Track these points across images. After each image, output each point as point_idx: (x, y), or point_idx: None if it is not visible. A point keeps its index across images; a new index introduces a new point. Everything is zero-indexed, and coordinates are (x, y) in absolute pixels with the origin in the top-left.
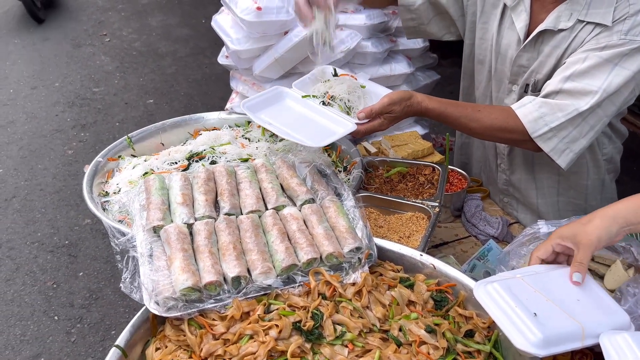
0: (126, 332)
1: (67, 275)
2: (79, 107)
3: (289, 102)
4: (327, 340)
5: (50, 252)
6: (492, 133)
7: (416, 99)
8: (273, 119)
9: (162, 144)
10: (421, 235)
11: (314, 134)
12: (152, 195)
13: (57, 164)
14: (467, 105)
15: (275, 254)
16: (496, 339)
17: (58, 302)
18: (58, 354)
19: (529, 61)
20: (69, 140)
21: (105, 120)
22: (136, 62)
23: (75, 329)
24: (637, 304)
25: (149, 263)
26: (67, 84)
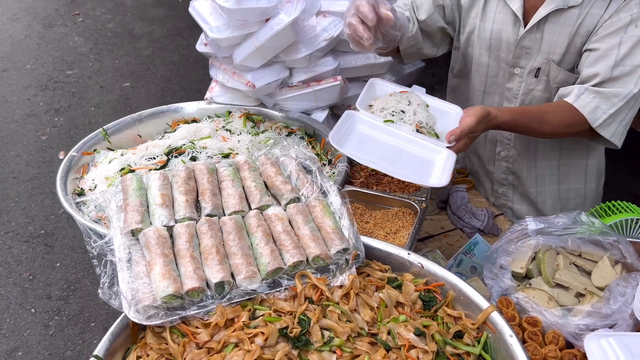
0: (105, 341)
1: (44, 266)
2: (52, 90)
3: (362, 128)
4: (314, 346)
5: (25, 242)
6: (560, 131)
7: (492, 114)
8: (360, 151)
9: (139, 135)
10: (408, 232)
11: (414, 166)
12: (129, 197)
13: (30, 151)
14: (532, 108)
15: (260, 257)
16: (485, 341)
17: (35, 294)
18: (36, 348)
19: (533, 42)
20: (42, 126)
21: (80, 105)
22: (111, 43)
23: (53, 322)
24: (627, 304)
25: (128, 269)
26: (39, 66)
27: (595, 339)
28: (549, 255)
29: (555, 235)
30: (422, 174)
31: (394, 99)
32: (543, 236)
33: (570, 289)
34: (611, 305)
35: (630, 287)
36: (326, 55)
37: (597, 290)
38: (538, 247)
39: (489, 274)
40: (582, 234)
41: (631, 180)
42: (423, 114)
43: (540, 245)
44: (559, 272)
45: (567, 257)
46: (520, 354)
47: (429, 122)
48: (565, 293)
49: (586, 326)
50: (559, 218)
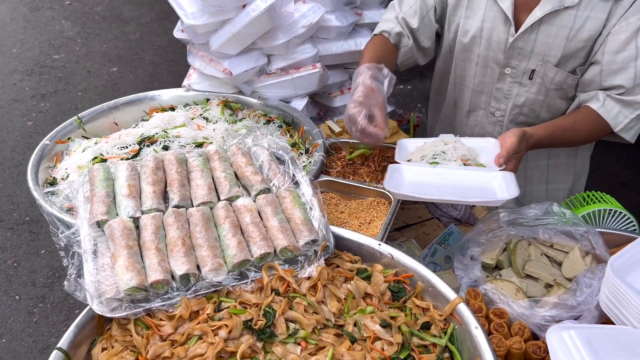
0: (70, 333)
1: (28, 253)
2: (38, 75)
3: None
4: (279, 338)
5: (10, 230)
6: (591, 137)
7: (528, 133)
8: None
9: (115, 123)
10: (382, 222)
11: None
12: (96, 187)
13: (15, 136)
14: (562, 121)
15: (227, 249)
16: (452, 332)
17: (19, 281)
18: (20, 335)
19: (526, 43)
20: (28, 111)
21: (66, 90)
22: (99, 27)
23: (37, 309)
24: (593, 295)
25: (93, 260)
26: (25, 50)
27: (557, 331)
28: (520, 246)
29: (527, 226)
30: (487, 195)
31: (429, 146)
32: (515, 227)
33: (540, 280)
34: (577, 296)
35: (596, 279)
36: (305, 42)
37: (567, 281)
38: (509, 238)
39: (459, 265)
40: (554, 225)
41: (618, 167)
42: (463, 148)
43: (512, 236)
44: (529, 263)
45: (538, 248)
46: (485, 346)
47: (472, 155)
48: (535, 284)
49: (552, 317)
50: (530, 209)
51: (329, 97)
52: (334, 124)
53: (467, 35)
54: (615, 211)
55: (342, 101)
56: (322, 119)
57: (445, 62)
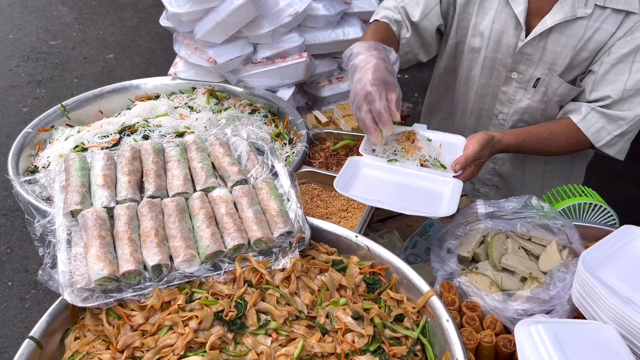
0: (42, 322)
1: (22, 239)
2: (34, 61)
3: (367, 171)
4: (250, 330)
5: (3, 216)
6: (566, 150)
7: (496, 138)
8: (367, 193)
9: (100, 112)
10: (362, 213)
11: (422, 200)
12: (71, 177)
13: (11, 122)
14: (537, 129)
15: (201, 240)
16: (424, 325)
17: (12, 268)
18: (12, 320)
19: (535, 50)
20: (23, 97)
21: (62, 76)
22: (96, 13)
23: (29, 295)
24: (565, 289)
25: (66, 250)
26: (22, 36)
27: (525, 326)
28: (497, 239)
29: (505, 219)
30: (431, 207)
31: (394, 138)
32: (492, 220)
33: (517, 273)
34: (550, 291)
35: (569, 273)
36: (292, 31)
37: (542, 275)
38: (487, 231)
39: (435, 258)
40: (532, 218)
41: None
42: (426, 149)
43: (489, 229)
44: (505, 256)
45: (516, 241)
46: (455, 339)
47: (432, 154)
48: (511, 277)
49: (524, 311)
50: (509, 202)
51: (317, 86)
52: (321, 114)
53: (476, 35)
54: (595, 205)
55: (331, 91)
56: (310, 109)
57: (449, 60)
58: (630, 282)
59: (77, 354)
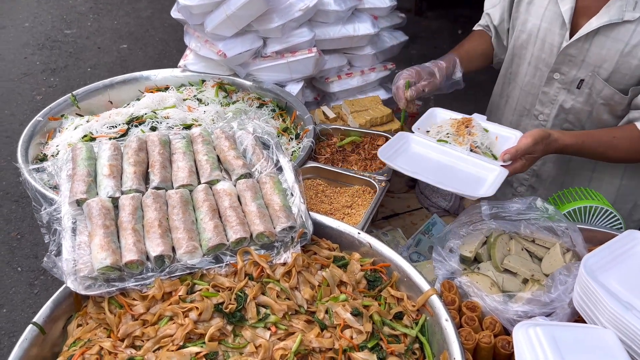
0: (46, 308)
1: (32, 226)
2: (49, 49)
3: (415, 148)
4: (249, 322)
5: (15, 202)
6: (628, 158)
7: (553, 136)
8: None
9: (110, 102)
10: (365, 210)
11: (463, 181)
12: (77, 166)
13: (24, 110)
14: (599, 133)
15: (203, 232)
16: (423, 323)
17: (22, 254)
18: (20, 306)
19: (578, 51)
20: (37, 85)
21: (76, 65)
22: (111, 3)
23: (38, 281)
24: (566, 292)
25: (71, 238)
26: (38, 24)
27: (524, 328)
28: (500, 240)
29: (509, 220)
30: (469, 188)
31: (450, 123)
32: (496, 221)
33: (519, 275)
34: (551, 293)
35: (571, 277)
36: (302, 25)
37: (544, 277)
38: (490, 232)
39: (437, 257)
40: (537, 220)
41: None
42: (479, 136)
43: (493, 229)
44: (507, 257)
45: (519, 243)
46: (453, 339)
47: (485, 142)
48: (513, 279)
49: (524, 313)
50: (514, 203)
51: (326, 82)
52: (329, 109)
53: (524, 32)
54: (602, 209)
55: (339, 86)
56: (319, 104)
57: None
58: (632, 287)
59: (79, 341)
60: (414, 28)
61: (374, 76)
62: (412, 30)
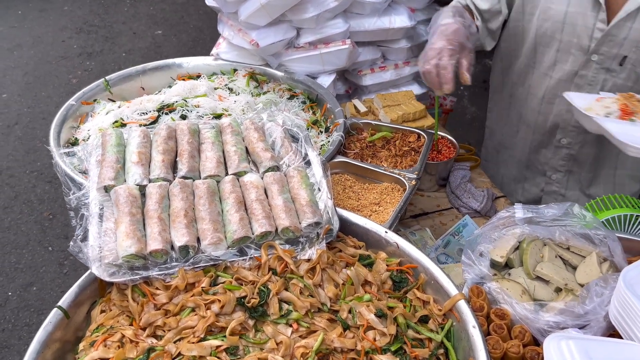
0: (71, 292)
1: (64, 207)
2: (86, 33)
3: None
4: (271, 318)
5: (48, 183)
6: None
7: None
8: None
9: (142, 88)
10: (393, 208)
11: None
12: (107, 152)
13: (60, 92)
14: None
15: (229, 224)
16: (449, 329)
17: (53, 233)
18: (50, 285)
19: (620, 30)
20: (74, 69)
21: (111, 50)
22: None
23: (68, 261)
24: (602, 305)
25: (98, 224)
26: (76, 8)
27: (556, 340)
28: (533, 245)
29: (543, 226)
30: None
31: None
32: (530, 225)
33: (551, 283)
34: (586, 305)
35: (608, 288)
36: (337, 17)
37: (579, 287)
38: (523, 237)
39: (466, 260)
40: (572, 227)
41: None
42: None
43: (526, 234)
44: (540, 264)
45: (553, 250)
46: (480, 347)
47: None
48: (545, 287)
49: (556, 324)
50: (549, 208)
51: (359, 74)
52: (361, 103)
53: (549, 20)
54: None
55: (372, 80)
56: (350, 97)
57: (512, 45)
58: None
59: (102, 327)
60: None
61: (408, 70)
62: None
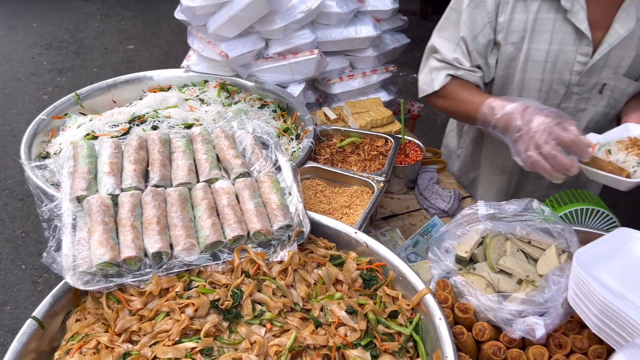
0: (45, 303)
1: (36, 224)
2: (56, 50)
3: None
4: (244, 319)
5: (20, 200)
6: None
7: None
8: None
9: (114, 101)
10: (363, 210)
11: None
12: (78, 163)
13: (31, 109)
14: None
15: (201, 230)
16: (417, 322)
17: (26, 251)
18: (24, 303)
19: (601, 58)
20: (44, 85)
21: (83, 65)
22: (118, 4)
23: (42, 279)
24: (559, 292)
25: (71, 234)
26: (46, 24)
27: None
28: (496, 240)
29: (504, 221)
30: None
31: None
32: (492, 221)
33: (514, 276)
34: (545, 294)
35: (564, 277)
36: (304, 27)
37: (539, 278)
38: (486, 232)
39: (433, 257)
40: (532, 222)
41: None
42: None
43: (489, 230)
44: (503, 258)
45: (515, 244)
46: (446, 337)
47: None
48: (508, 280)
49: (518, 313)
50: (510, 204)
51: (328, 83)
52: (331, 111)
53: (528, 62)
54: (598, 210)
55: (341, 88)
56: (320, 105)
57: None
58: (623, 281)
59: (77, 335)
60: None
61: (376, 78)
62: (417, 33)
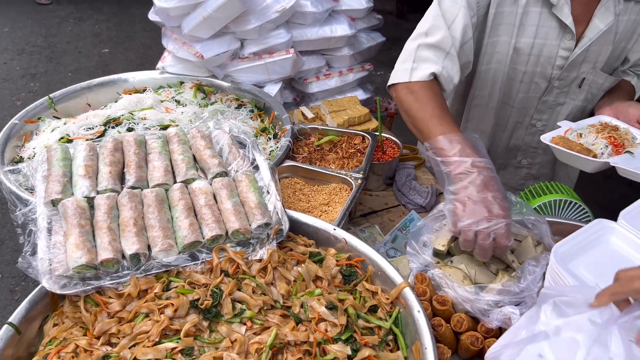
0: (22, 308)
1: (12, 232)
2: (29, 55)
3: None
4: (225, 318)
5: None
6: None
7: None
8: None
9: (88, 104)
10: (342, 207)
11: None
12: (52, 167)
13: (4, 115)
14: None
15: (179, 230)
16: (397, 316)
17: (2, 260)
18: (1, 312)
19: (582, 53)
20: (17, 91)
21: (56, 70)
22: (92, 7)
23: (19, 287)
24: (535, 282)
25: (46, 238)
26: (17, 29)
27: None
28: None
29: None
30: None
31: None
32: None
33: (490, 267)
34: (520, 284)
35: (539, 267)
36: (279, 27)
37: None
38: None
39: (411, 251)
40: None
41: None
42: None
43: None
44: None
45: None
46: (425, 329)
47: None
48: (485, 271)
49: (495, 303)
50: None
51: (305, 82)
52: (308, 110)
53: (516, 54)
54: (571, 202)
55: (318, 87)
56: (298, 105)
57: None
58: (598, 274)
59: (55, 340)
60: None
61: (352, 77)
62: (393, 32)
